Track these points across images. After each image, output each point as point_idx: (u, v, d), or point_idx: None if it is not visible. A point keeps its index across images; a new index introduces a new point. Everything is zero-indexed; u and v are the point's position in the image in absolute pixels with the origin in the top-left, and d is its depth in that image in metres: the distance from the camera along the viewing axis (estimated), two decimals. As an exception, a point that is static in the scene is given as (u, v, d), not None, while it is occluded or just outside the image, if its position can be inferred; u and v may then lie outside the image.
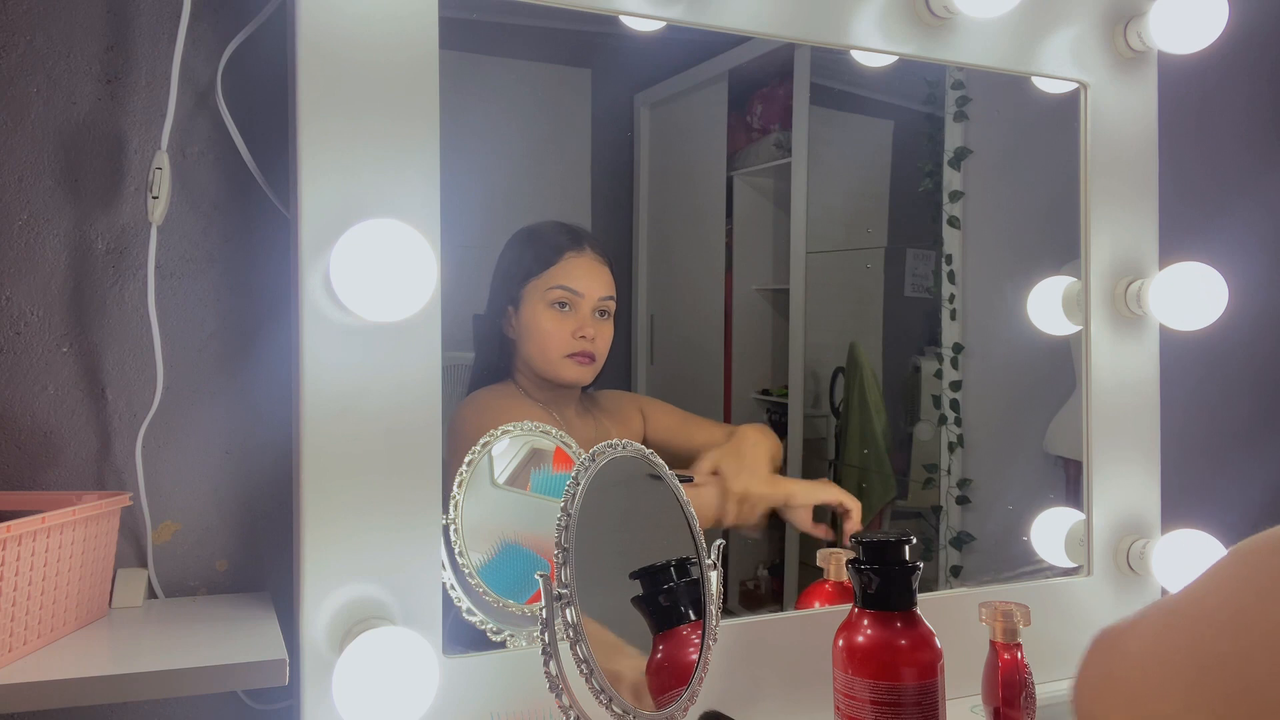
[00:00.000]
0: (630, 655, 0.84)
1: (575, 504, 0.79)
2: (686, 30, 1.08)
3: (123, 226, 0.99)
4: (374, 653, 0.86)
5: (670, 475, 0.90)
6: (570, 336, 1.22)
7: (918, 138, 1.54)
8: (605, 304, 1.25)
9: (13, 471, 0.96)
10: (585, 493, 0.81)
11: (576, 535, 0.78)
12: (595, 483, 0.82)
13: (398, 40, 0.93)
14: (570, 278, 1.22)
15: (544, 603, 0.77)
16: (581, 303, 1.22)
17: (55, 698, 0.79)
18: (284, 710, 1.01)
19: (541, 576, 0.78)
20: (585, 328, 1.23)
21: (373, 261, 0.87)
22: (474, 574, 1.00)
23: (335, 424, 0.91)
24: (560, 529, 0.78)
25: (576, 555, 0.78)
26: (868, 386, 1.50)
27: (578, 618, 0.77)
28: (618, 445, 0.86)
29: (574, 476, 0.82)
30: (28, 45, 0.96)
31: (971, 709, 1.07)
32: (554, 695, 0.77)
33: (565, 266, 1.23)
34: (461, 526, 1.00)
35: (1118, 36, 1.31)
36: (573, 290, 1.22)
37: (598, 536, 0.81)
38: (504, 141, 1.33)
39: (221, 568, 1.03)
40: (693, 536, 0.88)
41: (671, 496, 0.89)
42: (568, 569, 0.76)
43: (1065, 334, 1.32)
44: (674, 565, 0.86)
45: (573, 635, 0.76)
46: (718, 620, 0.87)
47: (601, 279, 1.26)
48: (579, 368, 1.22)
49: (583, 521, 0.79)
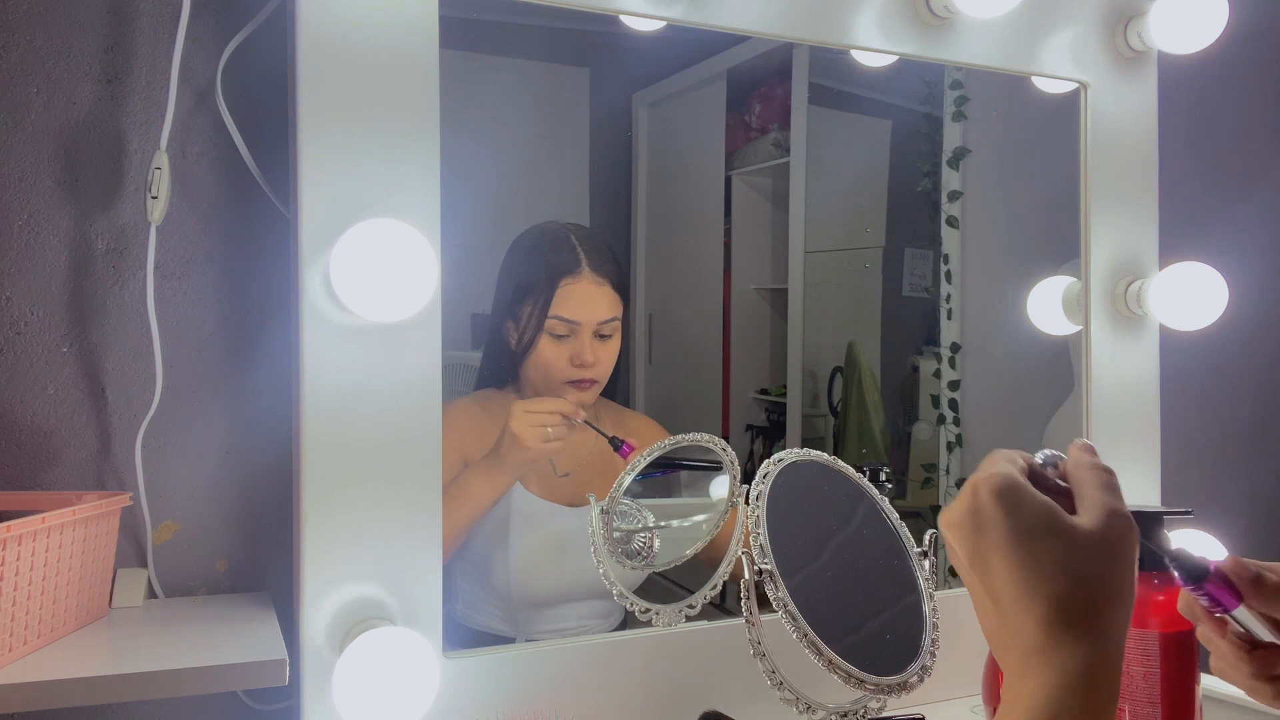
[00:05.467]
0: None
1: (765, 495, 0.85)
2: (685, 30, 1.08)
3: (123, 226, 0.99)
4: (374, 653, 0.86)
5: (870, 487, 0.93)
6: (569, 364, 1.19)
7: (916, 137, 1.54)
8: (606, 327, 1.22)
9: (13, 471, 0.96)
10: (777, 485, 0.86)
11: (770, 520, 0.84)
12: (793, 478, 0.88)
13: (398, 40, 0.93)
14: (566, 308, 1.19)
15: (745, 576, 0.81)
16: (580, 329, 1.19)
17: (55, 698, 0.79)
18: (284, 710, 1.01)
19: (745, 553, 0.82)
20: (584, 354, 1.19)
21: (373, 261, 0.87)
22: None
23: (335, 424, 0.91)
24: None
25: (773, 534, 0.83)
26: (866, 386, 1.51)
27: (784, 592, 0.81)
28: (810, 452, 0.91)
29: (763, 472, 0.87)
30: (27, 45, 0.96)
31: (971, 709, 1.08)
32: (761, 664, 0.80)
33: (561, 296, 1.19)
34: None
35: (1118, 36, 1.32)
36: (569, 320, 1.18)
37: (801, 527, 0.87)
38: (503, 141, 1.33)
39: (221, 568, 1.03)
40: (895, 529, 0.92)
41: (873, 506, 0.93)
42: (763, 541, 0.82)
43: (1064, 334, 1.32)
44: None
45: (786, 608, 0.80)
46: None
47: (600, 302, 1.22)
48: (580, 393, 1.20)
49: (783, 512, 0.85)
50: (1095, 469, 0.60)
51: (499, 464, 1.11)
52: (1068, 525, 0.55)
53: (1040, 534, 0.55)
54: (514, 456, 1.11)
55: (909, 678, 0.84)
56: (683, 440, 0.96)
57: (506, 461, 1.11)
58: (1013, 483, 0.57)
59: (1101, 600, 0.54)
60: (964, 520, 0.57)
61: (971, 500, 0.57)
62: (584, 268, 1.21)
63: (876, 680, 0.82)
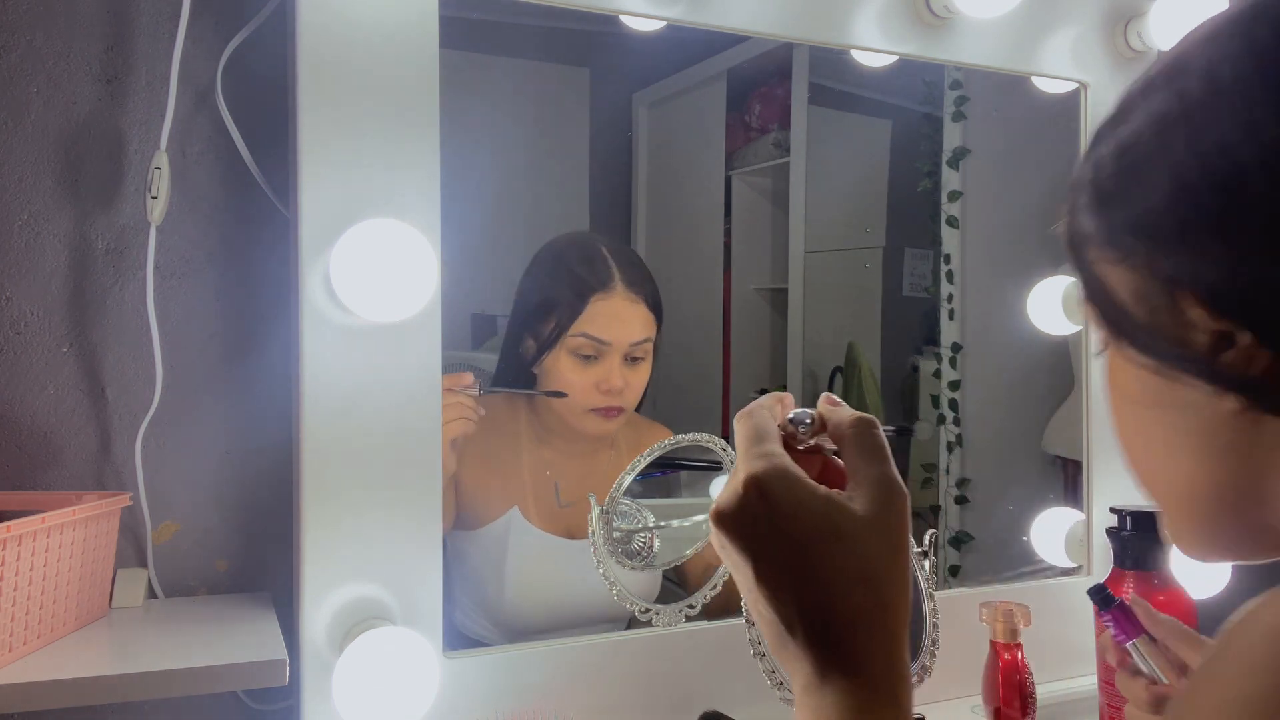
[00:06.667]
0: None
1: None
2: (685, 30, 1.07)
3: (123, 226, 0.99)
4: (374, 653, 0.86)
5: None
6: (595, 390, 1.10)
7: (916, 137, 1.55)
8: (638, 349, 1.11)
9: (13, 471, 0.96)
10: None
11: None
12: None
13: (398, 39, 0.93)
14: (595, 325, 1.09)
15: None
16: (609, 351, 1.09)
17: (55, 698, 0.79)
18: (284, 710, 1.01)
19: None
20: (612, 378, 1.09)
21: (373, 261, 0.87)
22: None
23: (335, 424, 0.91)
24: None
25: None
26: (866, 386, 1.51)
27: None
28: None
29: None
30: (28, 45, 0.96)
31: (972, 709, 1.07)
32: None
33: (591, 313, 1.09)
34: None
35: (1118, 36, 1.31)
36: (598, 339, 1.09)
37: None
38: (504, 140, 1.33)
39: (221, 568, 1.03)
40: None
41: None
42: None
43: (1065, 334, 1.32)
44: None
45: None
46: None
47: (634, 321, 1.11)
48: (605, 422, 1.11)
49: None
50: (859, 428, 0.54)
51: None
52: (849, 525, 0.50)
53: (820, 539, 0.50)
54: None
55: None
56: (683, 440, 0.96)
57: None
58: (783, 475, 0.51)
59: (889, 621, 0.50)
60: (738, 520, 0.52)
61: (744, 498, 0.51)
62: (617, 283, 1.11)
63: None
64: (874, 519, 0.51)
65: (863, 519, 0.50)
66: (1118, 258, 0.46)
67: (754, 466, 0.52)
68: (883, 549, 0.50)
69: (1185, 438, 0.47)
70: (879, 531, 0.51)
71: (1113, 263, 0.46)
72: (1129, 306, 0.45)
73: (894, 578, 0.50)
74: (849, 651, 0.49)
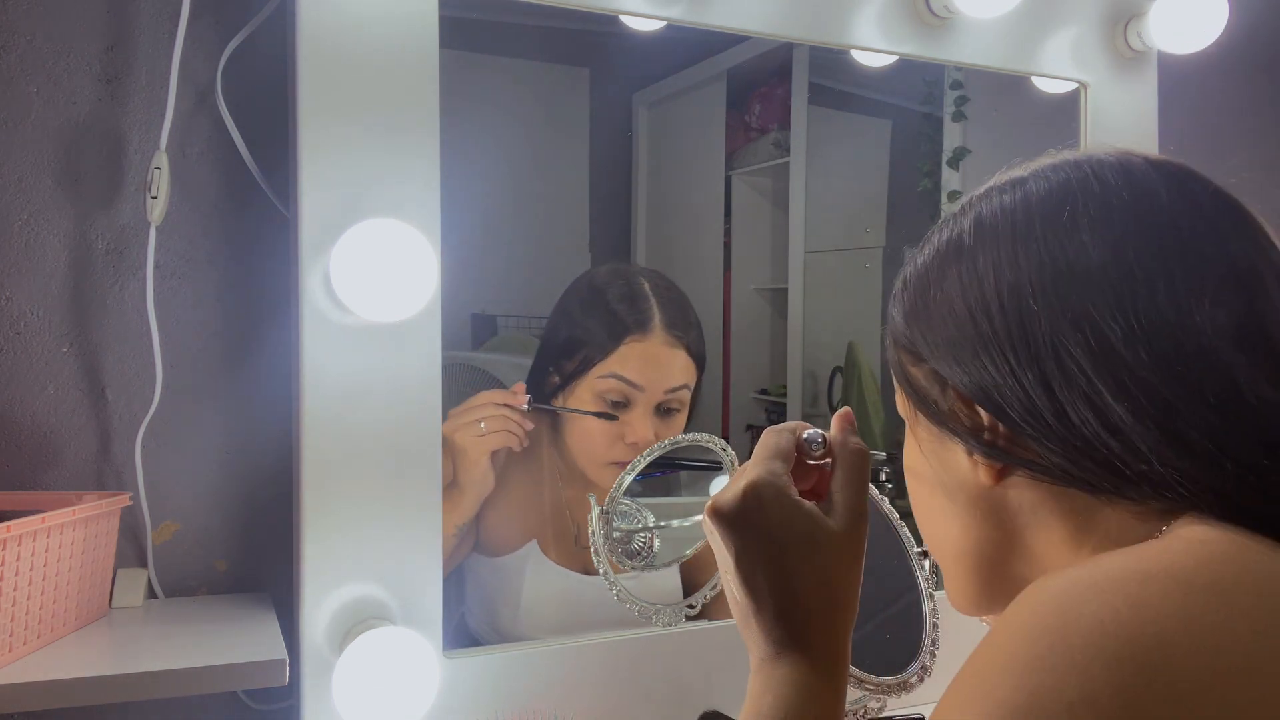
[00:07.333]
0: None
1: None
2: (685, 29, 1.08)
3: (122, 226, 0.99)
4: (374, 653, 0.86)
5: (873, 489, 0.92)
6: (619, 441, 1.02)
7: (916, 138, 1.55)
8: (673, 397, 1.02)
9: (13, 471, 0.96)
10: None
11: None
12: None
13: (398, 39, 0.93)
14: (627, 367, 1.00)
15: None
16: (640, 398, 1.01)
17: (55, 698, 0.79)
18: (284, 710, 1.01)
19: None
20: (639, 430, 1.00)
21: (373, 261, 0.87)
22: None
23: (335, 424, 0.91)
24: None
25: None
26: (866, 386, 1.51)
27: None
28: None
29: None
30: (28, 45, 0.96)
31: (971, 708, 1.07)
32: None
33: (624, 354, 1.00)
34: None
35: (1118, 36, 1.31)
36: (629, 382, 1.00)
37: None
38: (503, 141, 1.33)
39: (221, 568, 1.03)
40: (896, 529, 0.92)
41: (873, 505, 0.91)
42: None
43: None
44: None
45: None
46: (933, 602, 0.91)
47: (671, 367, 1.03)
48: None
49: None
50: (850, 457, 0.63)
51: (454, 489, 1.01)
52: (824, 538, 0.59)
53: (798, 544, 0.59)
54: (463, 472, 1.00)
55: (909, 677, 0.84)
56: (683, 440, 0.96)
57: (460, 482, 1.01)
58: (779, 491, 0.60)
59: (840, 619, 0.59)
60: (734, 517, 0.61)
61: (741, 500, 0.61)
62: (655, 325, 1.03)
63: (876, 680, 0.82)
64: (844, 537, 0.60)
65: (835, 535, 0.60)
66: (912, 360, 0.59)
67: (759, 475, 0.61)
68: (846, 560, 0.60)
69: (956, 506, 0.58)
70: (846, 548, 0.60)
71: (910, 363, 0.59)
72: (924, 392, 0.58)
73: (850, 584, 0.60)
74: (802, 635, 0.58)
